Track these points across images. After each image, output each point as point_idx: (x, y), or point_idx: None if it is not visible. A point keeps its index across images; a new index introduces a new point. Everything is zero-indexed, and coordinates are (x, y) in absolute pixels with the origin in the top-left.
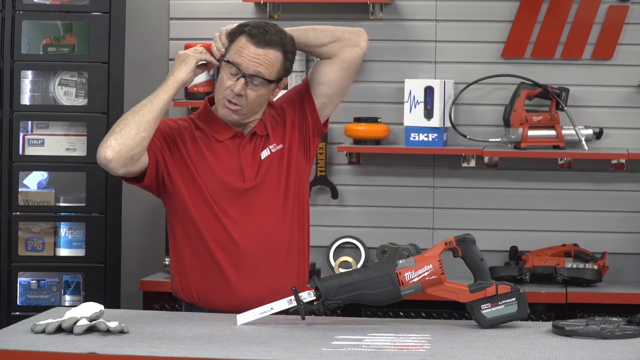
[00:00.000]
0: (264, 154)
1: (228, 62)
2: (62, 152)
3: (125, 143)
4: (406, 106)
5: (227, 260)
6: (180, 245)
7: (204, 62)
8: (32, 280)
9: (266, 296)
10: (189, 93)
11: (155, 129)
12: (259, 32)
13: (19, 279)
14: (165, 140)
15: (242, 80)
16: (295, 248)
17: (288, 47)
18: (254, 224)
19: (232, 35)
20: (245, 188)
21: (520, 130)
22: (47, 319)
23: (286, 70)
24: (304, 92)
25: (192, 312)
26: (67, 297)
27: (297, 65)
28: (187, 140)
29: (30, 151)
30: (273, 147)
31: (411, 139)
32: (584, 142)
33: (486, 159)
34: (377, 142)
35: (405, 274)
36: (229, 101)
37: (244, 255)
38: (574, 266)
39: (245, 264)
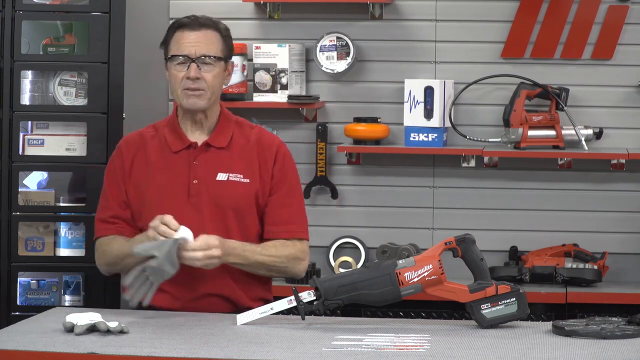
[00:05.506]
0: (221, 176)
1: (172, 56)
2: (62, 152)
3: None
4: (406, 106)
5: None
6: None
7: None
8: (32, 280)
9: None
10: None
11: (131, 257)
12: (189, 20)
13: (19, 279)
14: (124, 181)
15: (193, 65)
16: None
17: (221, 26)
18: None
19: (166, 37)
20: (186, 202)
21: (520, 130)
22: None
23: (229, 47)
24: (269, 192)
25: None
26: (67, 297)
27: (297, 65)
28: (138, 158)
29: (30, 151)
30: (234, 177)
31: (411, 139)
32: (583, 142)
33: (486, 159)
34: (377, 142)
35: (405, 274)
36: (190, 89)
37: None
38: (574, 266)
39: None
